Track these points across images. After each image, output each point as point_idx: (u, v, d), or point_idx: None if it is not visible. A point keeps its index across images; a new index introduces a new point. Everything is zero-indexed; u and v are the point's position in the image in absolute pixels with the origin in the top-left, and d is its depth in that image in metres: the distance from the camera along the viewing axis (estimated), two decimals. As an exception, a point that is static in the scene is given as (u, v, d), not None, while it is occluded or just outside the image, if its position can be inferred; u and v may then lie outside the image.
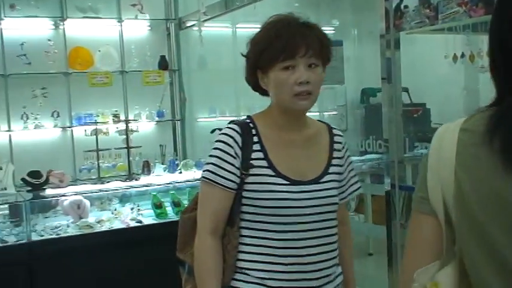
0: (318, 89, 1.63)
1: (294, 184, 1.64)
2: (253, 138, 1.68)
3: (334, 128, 1.81)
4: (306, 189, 1.65)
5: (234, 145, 1.66)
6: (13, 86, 4.90)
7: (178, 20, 5.60)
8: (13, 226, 3.56)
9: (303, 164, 1.68)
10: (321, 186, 1.67)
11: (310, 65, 1.60)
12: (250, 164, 1.65)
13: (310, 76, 1.59)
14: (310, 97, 1.62)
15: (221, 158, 1.66)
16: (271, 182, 1.63)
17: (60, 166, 4.25)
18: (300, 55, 1.58)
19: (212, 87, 5.40)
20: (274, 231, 1.63)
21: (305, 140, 1.72)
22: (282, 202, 1.62)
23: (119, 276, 3.41)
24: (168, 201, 3.86)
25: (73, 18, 5.07)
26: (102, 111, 5.13)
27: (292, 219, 1.62)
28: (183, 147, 5.63)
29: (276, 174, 1.64)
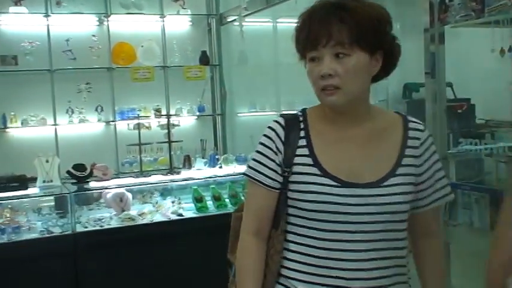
0: (350, 81, 1.38)
1: (345, 186, 1.41)
2: (300, 132, 1.50)
3: (412, 121, 1.51)
4: (361, 193, 1.40)
5: (276, 139, 1.50)
6: (59, 81, 5.01)
7: (219, 15, 5.62)
8: (58, 217, 3.66)
9: (359, 164, 1.44)
10: (381, 190, 1.41)
11: (337, 55, 1.38)
12: (294, 161, 1.47)
13: (337, 68, 1.37)
14: (338, 92, 1.39)
15: (262, 153, 1.52)
16: (316, 182, 1.43)
17: (103, 160, 4.33)
18: (322, 45, 1.38)
19: (253, 82, 5.41)
20: (318, 238, 1.43)
21: (365, 136, 1.47)
22: (327, 206, 1.41)
23: (159, 268, 3.46)
24: (208, 196, 3.89)
25: (117, 14, 5.16)
26: (144, 106, 5.21)
27: (339, 227, 1.41)
28: (223, 142, 5.66)
29: (323, 173, 1.43)
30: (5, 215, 3.53)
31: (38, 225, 3.54)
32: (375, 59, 1.42)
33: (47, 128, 4.99)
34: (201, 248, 3.57)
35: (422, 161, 1.49)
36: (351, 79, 1.39)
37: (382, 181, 1.42)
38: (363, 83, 1.43)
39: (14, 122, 4.89)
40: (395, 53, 1.47)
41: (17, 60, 4.89)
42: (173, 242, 3.51)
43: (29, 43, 4.85)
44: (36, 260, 3.27)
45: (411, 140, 1.48)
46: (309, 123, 1.52)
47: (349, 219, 1.40)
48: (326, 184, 1.42)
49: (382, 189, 1.41)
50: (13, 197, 3.57)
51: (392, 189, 1.42)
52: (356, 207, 1.40)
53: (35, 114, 4.94)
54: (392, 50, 1.46)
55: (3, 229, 3.35)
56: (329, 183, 1.42)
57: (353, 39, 1.37)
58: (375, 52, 1.41)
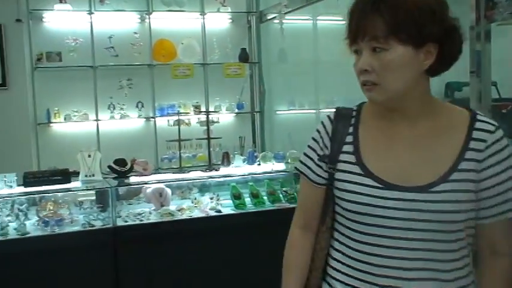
0: (389, 77, 1.28)
1: (388, 189, 1.31)
2: (349, 128, 1.43)
3: (481, 121, 1.33)
4: (406, 197, 1.29)
5: (323, 134, 1.46)
6: (101, 77, 5.10)
7: (259, 12, 5.63)
8: (99, 211, 3.72)
9: (408, 166, 1.32)
10: (429, 196, 1.27)
11: (375, 49, 1.28)
12: (339, 157, 1.41)
13: (373, 63, 1.28)
14: (376, 88, 1.30)
15: (311, 147, 1.48)
16: (358, 182, 1.35)
17: (142, 155, 4.38)
18: (360, 38, 1.29)
19: (292, 80, 5.39)
20: (357, 241, 1.37)
21: (420, 135, 1.34)
22: (366, 208, 1.33)
23: (197, 264, 3.49)
24: (246, 193, 3.90)
25: (158, 11, 5.21)
26: (183, 103, 5.26)
27: (380, 231, 1.32)
28: (261, 139, 5.67)
29: (365, 173, 1.35)
30: (49, 207, 3.60)
31: (79, 219, 3.60)
32: (424, 52, 1.28)
33: (89, 124, 5.09)
34: (239, 245, 3.58)
35: (485, 166, 1.31)
36: (390, 75, 1.28)
37: (431, 186, 1.28)
38: (408, 79, 1.29)
39: (57, 117, 5.00)
40: (454, 44, 1.31)
41: (61, 56, 5.01)
42: (211, 238, 3.53)
43: (73, 40, 4.97)
44: (77, 252, 3.33)
45: (475, 141, 1.31)
46: (361, 118, 1.44)
47: (391, 224, 1.31)
48: (367, 185, 1.34)
49: (430, 195, 1.28)
50: (56, 190, 3.63)
51: (442, 196, 1.27)
52: (399, 212, 1.29)
53: (77, 110, 5.06)
54: (449, 41, 1.30)
55: (47, 221, 3.42)
56: (371, 184, 1.33)
57: (389, 32, 1.25)
58: (423, 45, 1.27)
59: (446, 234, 1.30)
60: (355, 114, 1.46)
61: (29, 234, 3.35)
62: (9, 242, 3.28)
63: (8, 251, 3.23)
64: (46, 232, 3.37)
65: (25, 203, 3.64)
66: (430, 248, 1.30)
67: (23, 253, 3.25)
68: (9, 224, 3.46)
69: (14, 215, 3.53)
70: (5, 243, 3.26)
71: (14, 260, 3.22)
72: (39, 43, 4.99)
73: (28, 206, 3.65)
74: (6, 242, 3.28)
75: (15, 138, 4.78)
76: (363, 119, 1.44)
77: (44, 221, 3.43)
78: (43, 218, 3.46)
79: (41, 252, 3.28)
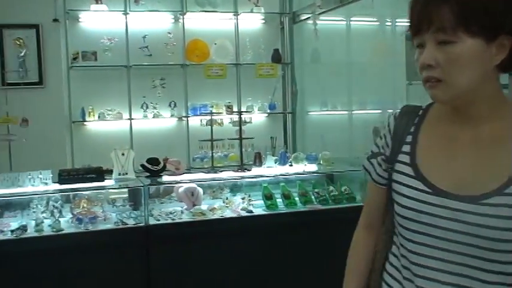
0: (455, 73, 1.16)
1: (437, 195, 1.21)
2: (411, 128, 1.34)
3: None
4: (454, 206, 1.18)
5: (387, 133, 1.39)
6: (135, 77, 5.15)
7: (292, 13, 5.60)
8: (132, 209, 3.76)
9: (464, 172, 1.20)
10: (478, 208, 1.15)
11: (441, 42, 1.16)
12: (397, 158, 1.33)
13: (438, 57, 1.16)
14: (440, 85, 1.18)
15: (376, 145, 1.43)
16: (408, 184, 1.27)
17: (174, 154, 4.41)
18: (423, 30, 1.18)
19: (324, 81, 5.35)
20: (403, 247, 1.30)
21: (483, 139, 1.21)
22: (411, 213, 1.25)
23: (228, 264, 3.49)
24: (278, 193, 3.89)
25: (192, 12, 5.24)
26: (216, 103, 5.27)
27: (422, 239, 1.24)
28: (293, 140, 5.64)
29: (416, 176, 1.26)
30: (82, 205, 3.65)
31: (112, 217, 3.64)
32: (496, 46, 1.16)
33: (122, 122, 5.14)
34: (270, 246, 3.57)
35: None
36: (457, 70, 1.15)
37: (483, 198, 1.15)
38: (476, 75, 1.17)
39: (91, 115, 5.06)
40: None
41: (96, 56, 5.06)
42: (243, 239, 3.53)
43: (108, 40, 5.02)
44: (110, 249, 3.37)
45: None
46: (426, 118, 1.34)
47: (434, 232, 1.21)
48: (416, 188, 1.25)
49: (480, 207, 1.15)
50: (90, 188, 3.68)
51: (492, 210, 1.13)
52: (444, 221, 1.19)
53: (111, 109, 5.11)
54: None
55: (81, 219, 3.46)
56: (420, 187, 1.24)
57: (457, 23, 1.13)
58: (495, 37, 1.15)
59: (493, 253, 1.15)
60: (421, 113, 1.36)
61: (63, 231, 3.40)
62: (44, 238, 3.34)
63: (42, 247, 3.29)
64: (80, 229, 3.42)
65: (59, 200, 3.70)
66: (472, 265, 1.18)
67: (57, 249, 3.30)
68: (44, 220, 3.51)
69: (48, 212, 3.59)
70: (39, 240, 3.32)
71: (48, 256, 3.27)
72: (75, 43, 5.06)
73: (62, 203, 3.71)
74: (41, 238, 3.33)
75: (51, 135, 4.85)
76: (428, 119, 1.34)
77: (77, 218, 3.48)
78: (77, 215, 3.51)
79: (75, 249, 3.33)
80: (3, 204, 3.63)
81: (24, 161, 4.04)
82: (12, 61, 4.85)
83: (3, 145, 3.97)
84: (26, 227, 3.39)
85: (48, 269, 3.25)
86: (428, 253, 1.23)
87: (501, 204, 1.13)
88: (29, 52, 4.88)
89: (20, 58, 4.86)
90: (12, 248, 3.25)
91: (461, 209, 1.17)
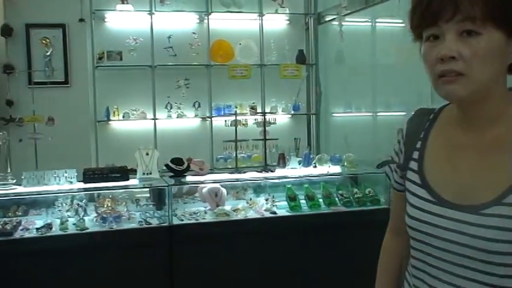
0: (478, 68, 1.07)
1: (441, 205, 1.16)
2: (422, 133, 1.27)
3: None
4: (456, 217, 1.12)
5: (401, 139, 1.33)
6: (159, 77, 5.17)
7: (317, 14, 5.57)
8: (155, 209, 3.77)
9: (468, 181, 1.14)
10: (478, 219, 1.09)
11: (463, 33, 1.07)
12: (409, 165, 1.28)
13: (462, 49, 1.06)
14: (460, 79, 1.07)
15: (394, 150, 1.36)
16: (415, 193, 1.22)
17: (198, 154, 4.41)
18: (445, 19, 1.07)
19: (349, 82, 5.31)
20: (412, 256, 1.27)
21: (489, 145, 1.14)
22: (415, 223, 1.20)
23: (251, 264, 3.48)
24: (302, 195, 3.86)
25: (217, 12, 5.24)
26: (240, 103, 5.26)
27: (426, 249, 1.19)
28: (317, 141, 5.61)
29: (422, 184, 1.21)
30: (106, 204, 3.67)
31: (136, 216, 3.65)
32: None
33: (146, 122, 5.16)
34: (294, 247, 3.55)
35: None
36: (480, 65, 1.07)
37: (482, 208, 1.09)
38: (495, 72, 1.10)
39: (116, 115, 5.09)
40: None
41: (121, 56, 5.09)
42: (266, 239, 3.51)
43: (133, 40, 5.05)
44: (134, 248, 3.38)
45: None
46: (436, 122, 1.27)
47: (437, 243, 1.16)
48: (421, 197, 1.20)
49: (479, 217, 1.08)
50: (114, 187, 3.69)
51: (490, 221, 1.07)
52: (447, 233, 1.13)
53: (136, 108, 5.13)
54: None
55: (105, 218, 3.48)
56: (425, 196, 1.19)
57: (488, 13, 1.05)
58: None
59: (491, 266, 1.08)
60: (432, 117, 1.28)
61: (88, 229, 3.42)
62: (69, 236, 3.36)
63: (67, 246, 3.31)
64: (104, 228, 3.43)
65: (84, 199, 3.72)
66: (472, 278, 1.11)
67: (81, 248, 3.32)
68: (69, 219, 3.54)
69: (73, 210, 3.61)
70: (64, 238, 3.34)
71: (72, 254, 3.29)
72: (100, 42, 5.09)
73: (87, 202, 3.73)
74: (66, 236, 3.36)
75: (76, 134, 4.89)
76: (438, 123, 1.26)
77: (102, 217, 3.50)
78: (101, 214, 3.53)
79: (99, 248, 3.34)
80: (29, 202, 3.67)
81: (49, 160, 4.07)
82: (38, 60, 4.90)
83: (30, 143, 4.01)
84: (51, 225, 3.42)
85: (73, 267, 3.27)
86: (432, 263, 1.18)
87: (497, 214, 1.07)
88: (55, 52, 4.93)
89: (46, 58, 4.91)
90: (38, 245, 3.27)
91: (461, 219, 1.11)
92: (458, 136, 1.19)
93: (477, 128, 1.16)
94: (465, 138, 1.18)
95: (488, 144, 1.14)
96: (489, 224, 1.06)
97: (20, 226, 3.42)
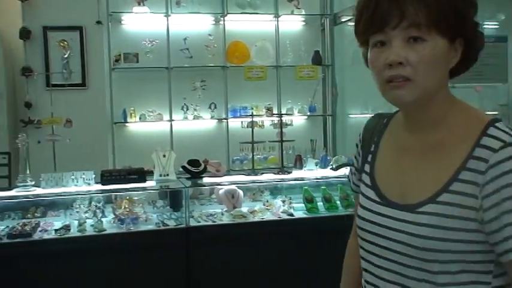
0: (424, 73, 1.10)
1: (386, 205, 1.20)
2: (375, 136, 1.32)
3: (490, 135, 1.09)
4: (396, 215, 1.16)
5: (358, 142, 1.37)
6: (175, 78, 5.18)
7: (333, 15, 5.55)
8: (172, 211, 3.77)
9: (409, 181, 1.18)
10: (414, 217, 1.13)
11: (409, 39, 1.10)
12: (364, 168, 1.32)
13: (409, 55, 1.09)
14: (408, 85, 1.10)
15: (354, 154, 1.40)
16: (366, 194, 1.26)
17: (214, 156, 4.41)
18: (391, 26, 1.09)
19: (366, 83, 5.25)
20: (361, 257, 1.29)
21: (431, 146, 1.17)
22: (361, 222, 1.25)
23: (269, 266, 3.47)
24: (319, 197, 3.85)
25: (233, 13, 5.24)
26: (256, 105, 5.26)
27: (371, 248, 1.23)
28: (333, 142, 5.59)
29: (371, 185, 1.26)
30: (124, 205, 3.68)
31: (153, 217, 3.66)
32: (453, 49, 1.14)
33: (162, 124, 5.18)
34: (311, 249, 3.53)
35: (485, 193, 1.06)
36: (426, 70, 1.10)
37: (418, 206, 1.13)
38: (440, 77, 1.14)
39: (133, 116, 5.11)
40: (478, 44, 1.18)
41: (137, 57, 5.11)
42: (283, 241, 3.51)
43: (149, 41, 5.07)
44: (151, 250, 3.39)
45: (475, 160, 1.08)
46: (388, 126, 1.30)
47: (381, 242, 1.19)
48: (369, 198, 1.24)
49: (415, 215, 1.12)
50: (132, 189, 3.71)
51: (425, 219, 1.11)
52: (390, 232, 1.17)
53: (152, 110, 5.15)
54: (475, 39, 1.16)
55: (123, 219, 3.49)
56: (372, 197, 1.24)
57: (432, 20, 1.08)
58: (455, 40, 1.13)
59: (431, 264, 1.11)
60: (386, 121, 1.32)
61: (106, 231, 3.43)
62: (87, 238, 3.38)
63: (85, 247, 3.33)
64: (122, 230, 3.44)
65: (102, 201, 3.74)
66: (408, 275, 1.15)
67: (99, 249, 3.33)
68: (87, 220, 3.55)
69: (91, 212, 3.63)
70: (83, 239, 3.36)
71: (90, 255, 3.31)
72: (117, 44, 5.12)
73: (104, 204, 3.75)
74: (84, 238, 3.38)
75: (93, 136, 4.92)
76: (389, 127, 1.30)
77: (119, 218, 3.51)
78: (119, 215, 3.54)
79: (117, 249, 3.36)
80: (48, 203, 3.70)
81: (67, 161, 4.09)
82: (56, 63, 4.94)
83: (48, 145, 4.04)
84: (69, 227, 3.44)
85: (91, 268, 3.29)
86: (380, 263, 1.21)
87: (432, 212, 1.10)
88: (73, 54, 4.96)
89: (64, 60, 4.94)
90: (56, 247, 3.30)
91: (401, 218, 1.15)
92: (404, 139, 1.23)
93: (421, 130, 1.19)
94: (410, 141, 1.21)
95: (430, 146, 1.17)
96: (423, 221, 1.10)
97: (39, 227, 3.45)
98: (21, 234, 3.32)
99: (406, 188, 1.18)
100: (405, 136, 1.23)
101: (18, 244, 3.27)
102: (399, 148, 1.24)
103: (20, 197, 3.50)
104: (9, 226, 3.47)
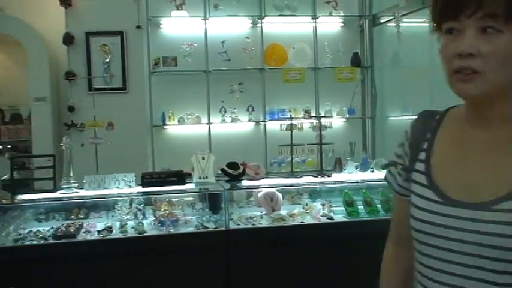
0: (496, 67, 1.03)
1: (449, 205, 1.11)
2: (428, 134, 1.23)
3: None
4: (465, 215, 1.08)
5: (405, 141, 1.28)
6: (213, 81, 5.21)
7: (372, 16, 5.50)
8: (211, 213, 3.79)
9: (477, 178, 1.10)
10: (489, 215, 1.05)
11: (484, 30, 1.03)
12: (415, 166, 1.23)
13: (481, 46, 1.02)
14: (476, 78, 1.04)
15: (396, 154, 1.31)
16: (422, 194, 1.17)
17: (251, 159, 4.40)
18: (466, 14, 1.03)
19: (405, 84, 5.21)
20: (422, 263, 1.18)
21: (498, 141, 1.11)
22: (423, 226, 1.15)
23: (308, 270, 3.44)
24: (359, 200, 3.80)
25: (270, 16, 5.24)
26: (294, 107, 5.25)
27: (436, 253, 1.13)
28: (372, 145, 5.53)
29: (429, 185, 1.17)
30: (164, 208, 3.71)
31: (193, 220, 3.68)
32: None
33: (201, 126, 5.22)
34: (352, 253, 3.49)
35: None
36: (497, 64, 1.03)
37: (492, 204, 1.05)
38: (510, 74, 1.06)
39: (171, 119, 5.17)
40: None
41: (176, 61, 5.17)
42: (323, 245, 3.47)
43: (188, 45, 5.12)
44: (191, 253, 3.40)
45: None
46: (443, 122, 1.23)
47: (448, 245, 1.10)
48: (428, 198, 1.15)
49: (490, 213, 1.05)
50: (172, 191, 3.73)
51: (500, 216, 1.04)
52: (458, 233, 1.08)
53: (191, 113, 5.20)
54: None
55: (163, 221, 3.52)
56: (432, 197, 1.15)
57: (511, 11, 1.01)
58: None
59: (501, 263, 1.05)
60: (438, 118, 1.24)
61: (146, 233, 3.47)
62: (128, 240, 3.41)
63: (127, 249, 3.36)
64: (162, 232, 3.47)
65: (142, 203, 3.78)
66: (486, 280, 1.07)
67: (141, 251, 3.36)
68: (128, 222, 3.60)
69: (132, 214, 3.67)
70: (124, 241, 3.40)
71: (132, 257, 3.34)
72: (156, 48, 5.18)
73: (144, 206, 3.79)
74: (125, 239, 3.41)
75: (134, 139, 4.99)
76: (444, 123, 1.23)
77: (160, 220, 3.54)
78: (159, 217, 3.57)
79: (157, 251, 3.38)
80: (90, 205, 3.76)
81: (109, 164, 4.16)
82: (98, 67, 5.04)
83: (91, 148, 4.12)
84: (111, 228, 3.49)
85: (133, 269, 3.32)
86: (445, 268, 1.12)
87: (508, 209, 1.03)
88: (114, 58, 5.06)
89: (105, 64, 5.04)
90: (100, 248, 3.35)
91: (471, 217, 1.07)
92: (468, 135, 1.16)
93: (489, 126, 1.12)
94: (476, 137, 1.14)
95: (499, 143, 1.10)
96: (498, 219, 1.04)
97: (82, 228, 3.51)
98: (65, 235, 3.38)
99: (474, 186, 1.10)
100: (470, 132, 1.15)
101: (63, 245, 3.33)
102: (462, 145, 1.16)
103: (64, 198, 3.57)
104: (54, 227, 3.53)
